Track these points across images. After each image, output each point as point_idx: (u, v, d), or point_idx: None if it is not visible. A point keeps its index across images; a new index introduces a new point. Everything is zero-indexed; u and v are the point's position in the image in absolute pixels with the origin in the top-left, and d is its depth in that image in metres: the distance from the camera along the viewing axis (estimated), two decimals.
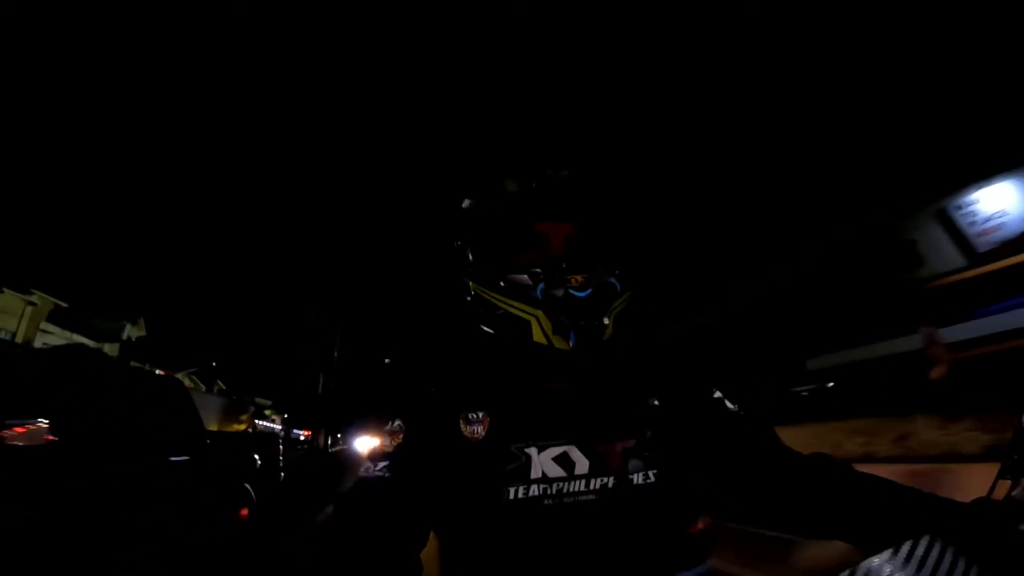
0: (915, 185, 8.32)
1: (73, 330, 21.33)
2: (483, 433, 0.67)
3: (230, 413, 14.52)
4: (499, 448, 0.66)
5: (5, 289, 17.72)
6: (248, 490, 3.93)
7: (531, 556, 0.62)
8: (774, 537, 2.57)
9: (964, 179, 7.79)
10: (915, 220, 8.56)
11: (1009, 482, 0.54)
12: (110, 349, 23.04)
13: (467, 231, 0.74)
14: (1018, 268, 7.36)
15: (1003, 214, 7.45)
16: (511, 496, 0.63)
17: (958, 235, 8.00)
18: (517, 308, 0.67)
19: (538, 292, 0.66)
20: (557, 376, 0.71)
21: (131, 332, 25.25)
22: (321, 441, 18.00)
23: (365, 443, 21.23)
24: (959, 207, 7.98)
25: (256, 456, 4.26)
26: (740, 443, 0.72)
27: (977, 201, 7.78)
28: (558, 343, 0.66)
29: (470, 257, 0.74)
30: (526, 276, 0.68)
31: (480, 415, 0.68)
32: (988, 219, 7.66)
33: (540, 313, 0.66)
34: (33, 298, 18.26)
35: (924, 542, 0.51)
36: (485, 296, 0.71)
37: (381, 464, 0.65)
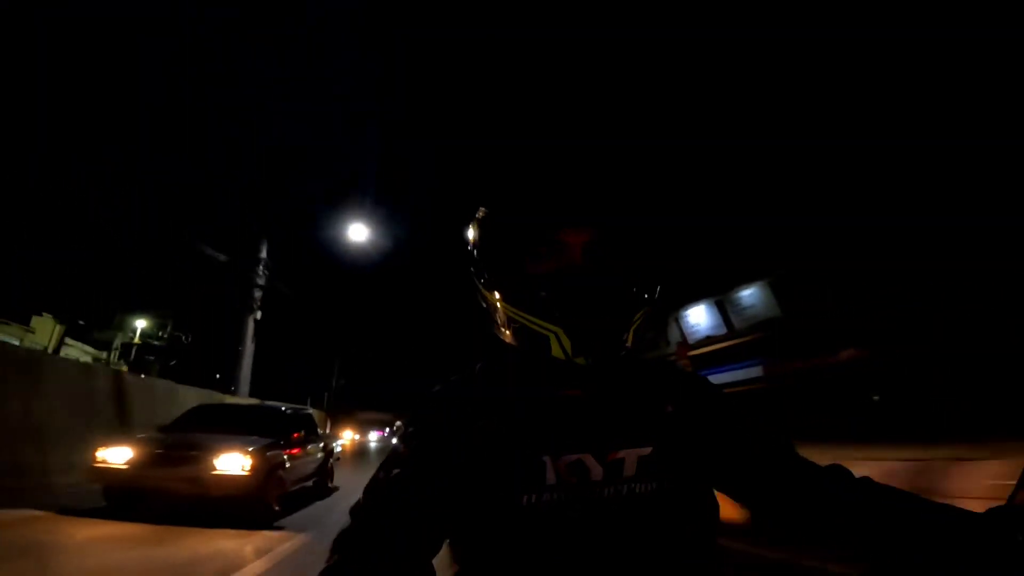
0: (667, 304, 14.96)
1: (84, 342, 25.26)
2: (498, 440, 0.66)
3: None
4: (514, 455, 0.65)
5: (44, 313, 21.68)
6: (332, 467, 8.97)
7: (544, 562, 0.61)
8: None
9: (684, 301, 14.31)
10: (667, 321, 15.14)
11: None
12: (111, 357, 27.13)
13: (482, 240, 0.72)
14: (704, 355, 13.91)
15: (698, 325, 13.89)
16: (525, 502, 0.62)
17: (682, 332, 14.49)
18: (536, 324, 0.65)
19: (557, 306, 0.64)
20: (572, 385, 0.69)
21: (119, 340, 29.16)
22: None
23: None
24: (682, 317, 14.45)
25: (334, 446, 9.31)
26: (758, 453, 0.70)
27: (689, 315, 14.21)
28: (577, 359, 0.64)
29: (486, 267, 0.71)
30: (544, 289, 0.65)
31: (493, 421, 0.67)
32: (693, 326, 14.09)
33: (559, 330, 0.63)
34: (60, 324, 22.15)
35: None
36: (501, 307, 0.69)
37: (394, 471, 0.65)
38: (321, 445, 8.32)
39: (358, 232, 14.11)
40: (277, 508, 6.12)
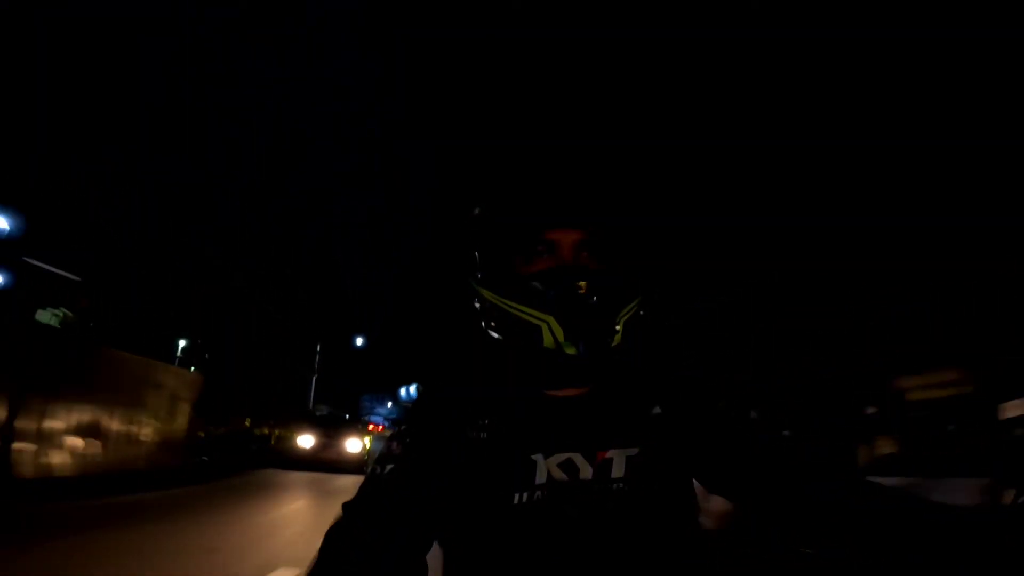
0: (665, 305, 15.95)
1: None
2: (496, 439, 0.67)
3: None
4: (505, 453, 0.66)
5: (48, 307, 25.03)
6: (368, 447, 15.72)
7: (535, 561, 0.62)
8: None
9: None
10: None
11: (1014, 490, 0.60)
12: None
13: (477, 238, 0.74)
14: None
15: None
16: (516, 501, 0.63)
17: None
18: (528, 313, 0.67)
19: (549, 298, 0.66)
20: (565, 381, 0.70)
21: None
22: None
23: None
24: None
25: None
26: (750, 453, 0.70)
27: None
28: (568, 348, 0.65)
29: (480, 264, 0.73)
30: (537, 283, 0.67)
31: (487, 420, 0.68)
32: None
33: (551, 319, 0.65)
34: (58, 311, 25.43)
35: None
36: (495, 302, 0.70)
37: (388, 467, 0.66)
38: (366, 437, 15.36)
39: (360, 339, 22.68)
40: (365, 469, 13.08)
